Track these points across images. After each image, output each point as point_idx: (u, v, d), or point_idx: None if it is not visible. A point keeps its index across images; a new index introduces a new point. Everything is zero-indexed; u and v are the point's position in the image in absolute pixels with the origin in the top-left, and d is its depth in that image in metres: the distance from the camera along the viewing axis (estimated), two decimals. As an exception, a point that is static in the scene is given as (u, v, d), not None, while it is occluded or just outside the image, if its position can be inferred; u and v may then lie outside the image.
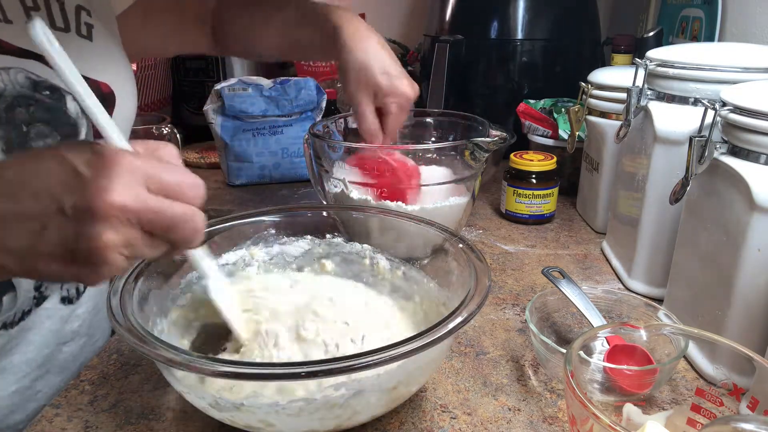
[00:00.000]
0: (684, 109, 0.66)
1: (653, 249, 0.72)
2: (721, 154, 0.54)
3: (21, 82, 0.56)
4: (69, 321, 0.64)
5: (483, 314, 0.69)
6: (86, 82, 0.60)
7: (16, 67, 0.56)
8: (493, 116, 0.88)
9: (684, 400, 0.54)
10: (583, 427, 0.39)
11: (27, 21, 0.39)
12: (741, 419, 0.37)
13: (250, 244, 0.63)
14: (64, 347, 0.64)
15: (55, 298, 0.62)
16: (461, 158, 0.75)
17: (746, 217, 0.51)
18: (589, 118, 0.91)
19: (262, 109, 1.11)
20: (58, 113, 0.58)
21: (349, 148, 0.78)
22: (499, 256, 0.85)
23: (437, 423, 0.52)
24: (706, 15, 0.97)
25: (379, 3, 1.68)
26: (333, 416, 0.44)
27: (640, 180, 0.72)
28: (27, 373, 0.61)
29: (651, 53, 0.70)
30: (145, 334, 0.42)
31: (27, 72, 0.56)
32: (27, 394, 0.61)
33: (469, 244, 0.55)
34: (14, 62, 0.56)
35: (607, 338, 0.55)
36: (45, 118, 0.57)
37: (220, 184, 1.18)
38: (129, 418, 0.52)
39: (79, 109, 0.60)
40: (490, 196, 1.07)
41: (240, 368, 0.39)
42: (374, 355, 0.39)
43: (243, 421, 0.45)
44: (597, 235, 0.92)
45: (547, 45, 1.21)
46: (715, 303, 0.56)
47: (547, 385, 0.57)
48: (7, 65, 0.55)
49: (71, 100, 0.59)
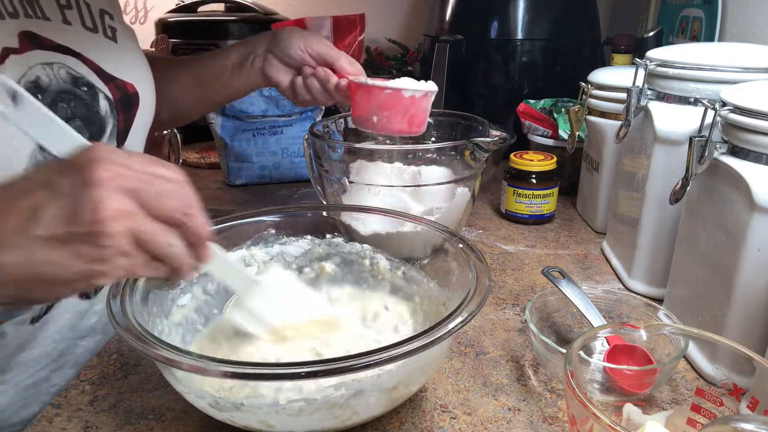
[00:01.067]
0: (684, 109, 0.66)
1: (653, 249, 0.72)
2: (721, 154, 0.54)
3: (63, 77, 0.57)
4: (86, 316, 0.65)
5: (483, 314, 0.69)
6: (116, 81, 0.62)
7: (58, 63, 0.57)
8: (493, 116, 0.88)
9: (684, 400, 0.54)
10: (583, 427, 0.39)
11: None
12: (741, 419, 0.37)
13: (250, 244, 0.63)
14: (81, 342, 0.65)
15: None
16: (461, 158, 0.75)
17: (746, 217, 0.51)
18: (589, 118, 0.91)
19: (262, 109, 1.11)
20: (92, 110, 0.60)
21: (349, 148, 0.78)
22: (499, 256, 0.85)
23: (437, 423, 0.52)
24: (706, 15, 0.97)
25: (379, 3, 1.68)
26: (333, 416, 0.44)
27: (640, 180, 0.72)
28: (44, 366, 0.62)
29: (651, 53, 0.70)
30: (145, 334, 0.42)
31: (68, 67, 0.58)
32: (43, 387, 0.62)
33: (469, 244, 0.55)
34: (56, 57, 0.57)
35: (607, 338, 0.55)
36: (82, 113, 0.58)
37: (220, 184, 1.18)
38: (129, 418, 0.52)
39: (108, 108, 0.61)
40: (490, 196, 1.07)
41: (240, 368, 0.39)
42: (374, 355, 0.39)
43: (243, 421, 0.45)
44: (597, 235, 0.92)
45: (547, 45, 1.21)
46: (715, 303, 0.56)
47: (547, 385, 0.57)
48: (50, 60, 0.56)
49: (103, 98, 0.60)
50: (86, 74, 0.59)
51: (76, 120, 0.58)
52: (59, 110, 0.57)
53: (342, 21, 1.49)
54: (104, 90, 0.61)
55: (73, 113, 0.57)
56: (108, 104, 0.61)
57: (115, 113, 0.62)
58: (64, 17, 0.59)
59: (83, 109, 0.58)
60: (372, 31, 1.56)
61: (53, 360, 0.62)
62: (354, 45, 1.49)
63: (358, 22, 1.49)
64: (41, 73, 0.55)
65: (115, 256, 0.37)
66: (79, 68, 0.59)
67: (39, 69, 0.55)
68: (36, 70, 0.55)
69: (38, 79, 0.55)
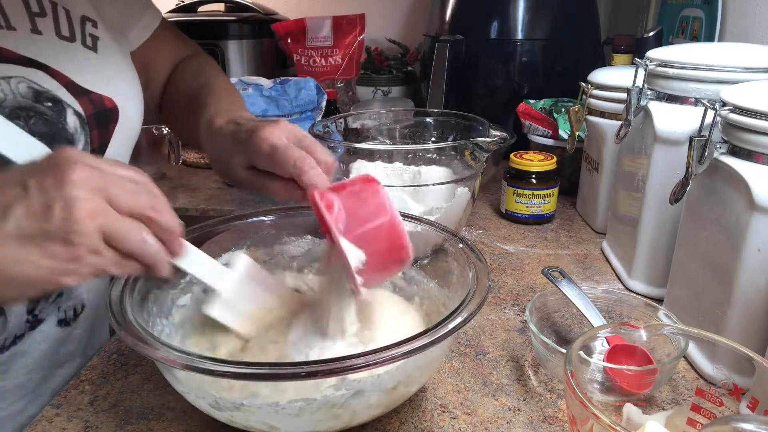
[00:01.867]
0: (684, 109, 0.66)
1: (653, 249, 0.72)
2: (721, 154, 0.54)
3: (23, 92, 0.54)
4: (65, 343, 0.63)
5: (483, 314, 0.69)
6: (89, 95, 0.57)
7: (18, 77, 0.54)
8: (493, 116, 0.88)
9: (684, 400, 0.54)
10: (583, 427, 0.39)
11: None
12: (741, 419, 0.37)
13: (250, 244, 0.63)
14: (59, 371, 0.63)
15: (52, 320, 0.61)
16: (461, 158, 0.75)
17: (746, 217, 0.51)
18: (589, 118, 0.91)
19: (262, 109, 1.11)
20: (57, 127, 0.56)
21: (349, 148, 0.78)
22: (499, 256, 0.85)
23: (437, 423, 0.52)
24: (706, 15, 0.97)
25: (379, 3, 1.68)
26: (333, 416, 0.44)
27: (640, 180, 0.72)
28: (18, 398, 0.59)
29: (651, 53, 0.70)
30: (145, 335, 0.42)
31: (29, 81, 0.55)
32: (18, 420, 0.59)
33: (469, 244, 0.55)
34: (16, 71, 0.54)
35: (607, 338, 0.55)
36: (43, 131, 0.55)
37: (220, 184, 1.17)
38: (129, 418, 0.52)
39: (78, 124, 0.58)
40: (490, 196, 1.07)
41: (240, 368, 0.39)
42: (374, 355, 0.39)
43: (243, 421, 0.45)
44: (597, 235, 0.92)
45: (547, 45, 1.21)
46: (715, 303, 0.56)
47: (547, 385, 0.57)
48: (8, 74, 0.53)
49: (72, 114, 0.57)
50: (53, 88, 0.56)
51: (36, 137, 0.53)
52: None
53: (342, 21, 1.49)
54: (74, 105, 0.57)
55: (32, 131, 0.52)
56: (78, 120, 0.57)
57: (87, 129, 0.59)
58: (34, 26, 0.56)
59: (44, 126, 0.55)
60: (372, 31, 1.56)
61: (30, 392, 0.60)
62: (354, 45, 1.49)
63: (358, 22, 1.49)
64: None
65: (86, 254, 0.37)
66: (45, 82, 0.55)
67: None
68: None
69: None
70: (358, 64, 1.51)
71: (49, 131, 0.55)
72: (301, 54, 1.50)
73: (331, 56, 1.49)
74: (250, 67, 1.47)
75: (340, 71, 1.49)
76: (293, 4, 1.71)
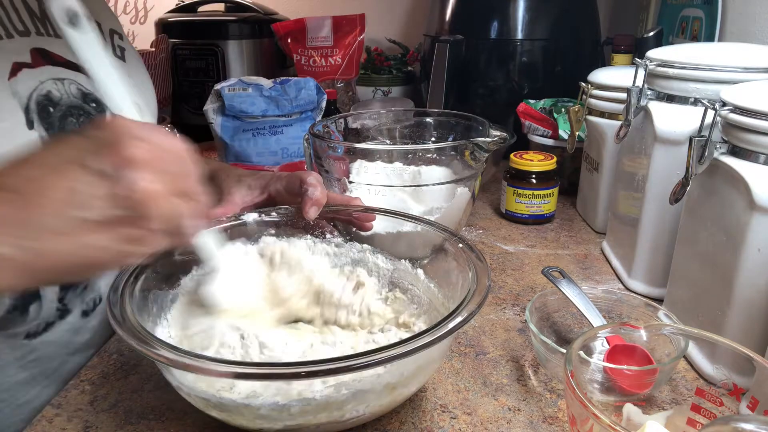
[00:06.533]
0: (684, 109, 0.66)
1: (653, 249, 0.72)
2: (721, 154, 0.54)
3: (74, 93, 0.60)
4: (80, 332, 0.64)
5: (483, 314, 0.69)
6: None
7: (69, 79, 0.60)
8: (493, 116, 0.88)
9: (684, 400, 0.54)
10: (583, 427, 0.39)
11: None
12: (741, 419, 0.37)
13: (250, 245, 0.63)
14: (72, 357, 0.64)
15: (77, 311, 0.62)
16: (461, 158, 0.75)
17: (746, 217, 0.51)
18: (589, 118, 0.91)
19: (262, 109, 1.11)
20: None
21: (349, 148, 0.78)
22: (499, 256, 0.85)
23: (437, 423, 0.52)
24: (706, 15, 0.97)
25: (379, 3, 1.68)
26: (333, 416, 0.44)
27: (640, 180, 0.72)
28: (35, 385, 0.61)
29: (651, 53, 0.70)
30: (145, 334, 0.42)
31: (78, 84, 0.61)
32: (33, 405, 0.60)
33: (469, 244, 0.55)
34: (67, 74, 0.59)
35: (607, 338, 0.55)
36: None
37: (220, 184, 1.17)
38: (129, 418, 0.52)
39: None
40: (490, 196, 1.07)
41: (240, 368, 0.39)
42: (374, 355, 0.39)
43: (243, 421, 0.45)
44: (597, 235, 0.92)
45: (547, 45, 1.21)
46: (715, 303, 0.56)
47: (547, 385, 0.57)
48: (61, 76, 0.59)
49: (110, 114, 0.60)
50: (95, 91, 0.61)
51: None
52: (68, 124, 0.58)
53: (342, 21, 1.49)
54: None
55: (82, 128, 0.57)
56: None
57: None
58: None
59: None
60: (372, 31, 1.56)
61: (45, 377, 0.61)
62: (354, 45, 1.49)
63: (358, 22, 1.49)
64: (53, 87, 0.58)
65: (152, 236, 0.38)
66: (89, 85, 0.61)
67: (50, 84, 0.58)
68: (48, 84, 0.58)
69: (50, 93, 0.58)
70: (358, 64, 1.51)
71: None
72: (301, 54, 1.50)
73: (331, 56, 1.49)
74: (250, 67, 1.47)
75: (340, 71, 1.49)
76: (293, 4, 1.71)
